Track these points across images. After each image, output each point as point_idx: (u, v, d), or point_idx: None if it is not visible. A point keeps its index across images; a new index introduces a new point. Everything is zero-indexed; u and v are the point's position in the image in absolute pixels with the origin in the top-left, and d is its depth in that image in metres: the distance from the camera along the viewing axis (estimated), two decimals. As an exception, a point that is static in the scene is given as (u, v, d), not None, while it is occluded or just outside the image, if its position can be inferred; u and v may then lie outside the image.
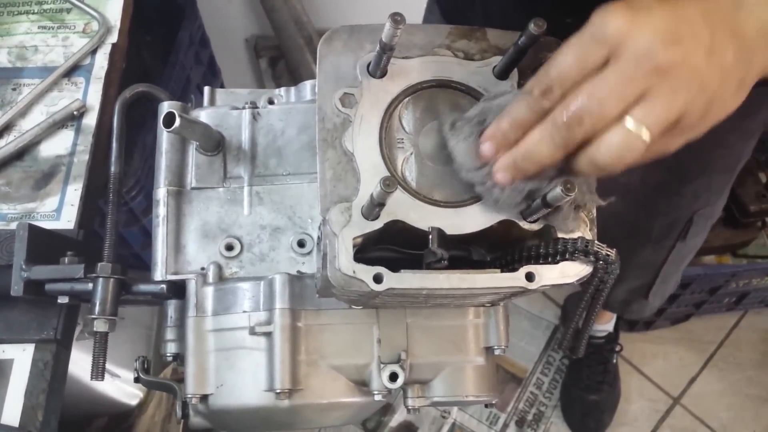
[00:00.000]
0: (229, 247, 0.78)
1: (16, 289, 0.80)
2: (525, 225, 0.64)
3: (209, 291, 0.75)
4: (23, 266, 0.81)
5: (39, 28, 1.13)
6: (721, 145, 1.16)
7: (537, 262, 0.63)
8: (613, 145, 0.56)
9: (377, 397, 0.74)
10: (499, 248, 0.68)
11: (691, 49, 0.55)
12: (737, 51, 0.58)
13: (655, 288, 1.60)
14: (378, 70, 0.65)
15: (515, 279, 0.62)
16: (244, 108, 0.82)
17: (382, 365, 0.73)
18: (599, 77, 0.56)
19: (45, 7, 1.15)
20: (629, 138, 0.55)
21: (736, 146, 1.21)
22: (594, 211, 0.67)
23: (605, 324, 2.21)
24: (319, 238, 0.66)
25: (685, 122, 0.57)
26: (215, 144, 0.80)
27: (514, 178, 0.60)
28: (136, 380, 0.80)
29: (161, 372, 1.40)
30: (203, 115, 0.82)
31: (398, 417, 2.21)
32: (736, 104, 0.60)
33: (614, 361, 2.26)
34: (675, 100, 0.56)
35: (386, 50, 0.62)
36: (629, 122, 0.55)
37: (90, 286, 0.78)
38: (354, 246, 0.60)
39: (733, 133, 1.16)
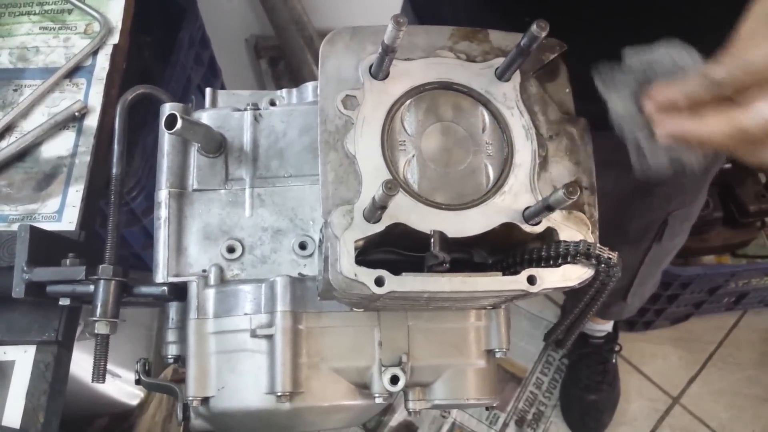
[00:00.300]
0: (231, 249, 0.78)
1: (18, 290, 0.80)
2: (527, 228, 0.64)
3: (210, 293, 0.75)
4: (25, 268, 0.80)
5: (40, 29, 1.13)
6: None
7: (539, 265, 0.63)
8: None
9: (378, 400, 0.74)
10: (500, 251, 0.68)
11: None
12: None
13: (633, 289, 1.61)
14: (380, 71, 0.65)
15: (517, 282, 0.62)
16: (245, 109, 0.82)
17: (383, 368, 0.73)
18: None
19: (46, 8, 1.15)
20: None
21: None
22: (596, 214, 0.67)
23: (604, 324, 2.21)
24: (320, 240, 0.66)
25: None
26: (217, 146, 0.80)
27: (674, 143, 0.62)
28: (137, 382, 0.80)
29: (161, 373, 1.40)
30: (205, 117, 0.82)
31: (398, 417, 2.22)
32: None
33: (613, 360, 2.26)
34: None
35: (388, 52, 0.62)
36: None
37: (91, 288, 0.78)
38: (356, 249, 0.60)
39: None
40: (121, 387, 1.54)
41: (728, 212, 2.06)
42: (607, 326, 2.23)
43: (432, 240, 0.61)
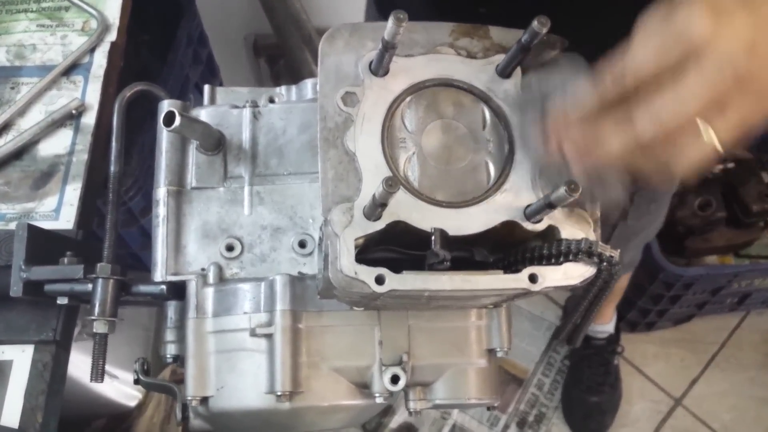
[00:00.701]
0: (230, 248, 0.77)
1: (15, 289, 0.80)
2: (528, 226, 0.63)
3: (209, 292, 0.75)
4: (22, 267, 0.80)
5: (37, 26, 1.12)
6: None
7: (540, 264, 0.62)
8: (692, 158, 0.55)
9: (379, 400, 0.73)
10: (501, 249, 0.68)
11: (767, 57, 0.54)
12: None
13: None
14: (380, 68, 0.65)
15: (518, 280, 0.61)
16: (244, 107, 0.81)
17: (383, 367, 0.72)
18: (682, 80, 0.54)
19: (43, 5, 1.14)
20: (706, 151, 0.55)
21: None
22: (597, 212, 0.66)
23: (606, 324, 2.21)
24: (320, 238, 0.66)
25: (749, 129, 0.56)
26: (216, 143, 0.79)
27: (585, 166, 0.60)
28: (136, 382, 0.79)
29: (160, 373, 1.40)
30: (203, 114, 0.81)
31: (398, 418, 2.21)
32: None
33: (615, 362, 2.26)
34: (751, 113, 0.55)
35: (388, 48, 0.62)
36: (708, 135, 0.54)
37: (89, 286, 0.77)
38: (356, 247, 0.60)
39: None
40: (119, 388, 1.54)
41: (731, 212, 2.06)
42: (609, 327, 2.22)
43: (433, 238, 0.60)
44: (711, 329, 2.40)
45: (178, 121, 0.71)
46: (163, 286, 0.76)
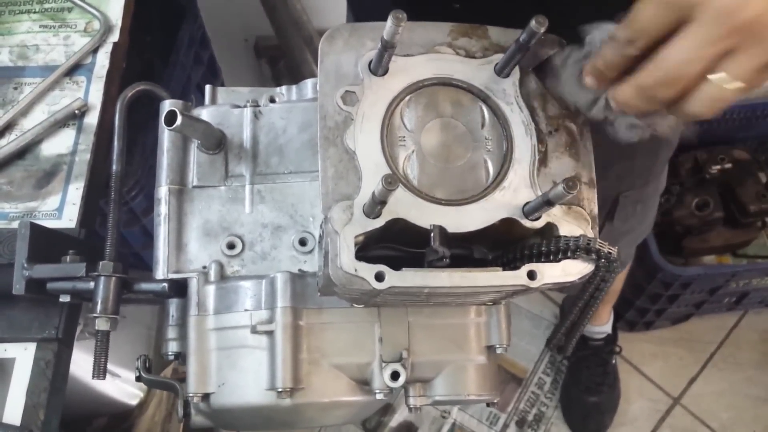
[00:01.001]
0: (231, 246, 0.78)
1: (18, 287, 0.80)
2: (527, 223, 0.64)
3: (211, 289, 0.75)
4: (25, 265, 0.80)
5: (40, 27, 1.13)
6: None
7: (539, 261, 0.63)
8: (705, 99, 0.58)
9: (379, 396, 0.74)
10: (500, 246, 0.68)
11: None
12: None
13: None
14: (379, 67, 0.65)
15: (517, 277, 0.62)
16: (245, 106, 0.82)
17: (383, 364, 0.73)
18: (680, 40, 0.57)
19: (46, 6, 1.15)
20: (720, 92, 0.57)
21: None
22: (596, 209, 0.67)
23: (603, 325, 2.21)
24: (320, 236, 0.66)
25: None
26: (217, 142, 0.80)
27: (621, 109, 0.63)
28: (138, 379, 0.80)
29: (162, 371, 1.40)
30: (205, 114, 0.82)
31: (398, 417, 2.21)
32: None
33: (613, 362, 2.26)
34: (761, 52, 0.56)
35: (388, 48, 0.62)
36: (717, 76, 0.57)
37: (91, 284, 0.78)
38: (356, 244, 0.60)
39: None
40: (121, 387, 1.54)
41: (729, 212, 2.06)
42: (606, 327, 2.23)
43: (432, 235, 0.61)
44: (709, 329, 2.40)
45: (179, 120, 0.72)
46: (165, 284, 0.77)
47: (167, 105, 0.81)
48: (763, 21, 0.55)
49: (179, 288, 0.77)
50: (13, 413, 0.86)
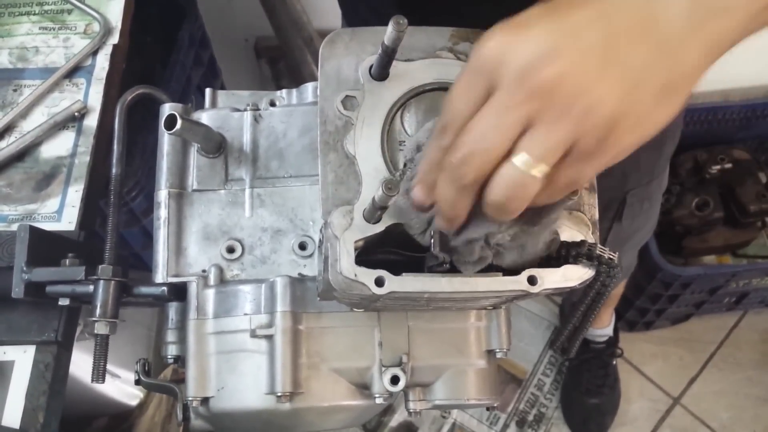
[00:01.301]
0: (231, 250, 0.78)
1: (17, 291, 0.80)
2: (527, 228, 0.64)
3: (210, 293, 0.75)
4: (24, 268, 0.80)
5: (40, 29, 1.13)
6: None
7: (539, 266, 0.63)
8: (503, 184, 0.50)
9: (378, 400, 0.74)
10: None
11: (573, 62, 0.48)
12: (652, 51, 0.49)
13: None
14: (380, 72, 0.65)
15: (517, 282, 0.62)
16: (245, 110, 0.81)
17: (383, 368, 0.73)
18: (483, 109, 0.50)
19: (46, 8, 1.15)
20: (518, 174, 0.49)
21: None
22: (596, 215, 0.67)
23: (605, 328, 2.21)
24: (320, 240, 0.66)
25: (582, 148, 0.49)
26: (216, 146, 0.80)
27: (451, 228, 0.56)
28: (137, 383, 0.80)
29: (161, 373, 1.40)
30: (204, 117, 0.82)
31: (398, 417, 2.21)
32: (667, 114, 0.52)
33: (614, 363, 2.26)
34: (559, 125, 0.48)
35: (388, 53, 0.62)
36: (516, 157, 0.49)
37: (91, 288, 0.78)
38: (355, 249, 0.60)
39: None
40: (121, 387, 1.54)
41: (729, 212, 2.06)
42: (608, 330, 2.23)
43: (432, 240, 0.61)
44: (709, 328, 2.40)
45: (179, 124, 0.71)
46: (164, 288, 0.77)
47: (167, 109, 0.81)
48: (560, 88, 0.48)
49: (179, 292, 0.77)
50: (13, 416, 0.86)
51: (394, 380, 0.73)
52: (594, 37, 0.48)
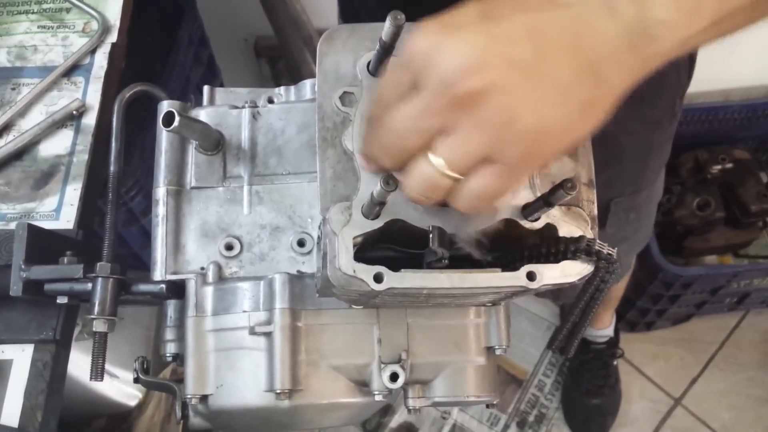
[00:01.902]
0: (229, 247, 0.77)
1: (15, 289, 0.80)
2: (526, 224, 0.63)
3: (209, 291, 0.75)
4: (22, 266, 0.80)
5: (38, 27, 1.13)
6: (625, 132, 1.15)
7: (538, 261, 0.63)
8: (416, 177, 0.53)
9: (378, 398, 0.73)
10: (499, 247, 0.68)
11: (500, 74, 0.48)
12: (580, 67, 0.50)
13: None
14: (378, 68, 0.65)
15: (516, 278, 0.61)
16: (243, 107, 0.81)
17: (382, 365, 0.73)
18: (403, 107, 0.52)
19: (44, 6, 1.14)
20: (430, 171, 0.52)
21: (641, 134, 1.20)
22: (595, 210, 0.67)
23: (605, 329, 2.21)
24: (319, 237, 0.66)
25: (500, 160, 0.50)
26: (215, 143, 0.80)
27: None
28: (136, 381, 0.80)
29: (160, 372, 1.40)
30: (203, 114, 0.82)
31: (398, 418, 2.21)
32: (588, 127, 0.53)
33: (615, 363, 2.26)
34: (476, 136, 0.49)
35: (386, 49, 0.62)
36: (432, 156, 0.51)
37: (89, 286, 0.78)
38: (354, 245, 0.60)
39: (635, 121, 1.15)
40: (120, 388, 1.54)
41: (730, 212, 2.06)
42: (609, 331, 2.22)
43: (431, 236, 0.60)
44: (710, 329, 2.40)
45: (177, 121, 0.71)
46: (163, 285, 0.76)
47: (165, 106, 0.81)
48: (482, 100, 0.48)
49: (177, 289, 0.77)
50: (11, 415, 0.86)
51: (394, 377, 0.72)
52: (524, 50, 0.49)
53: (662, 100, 1.17)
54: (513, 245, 0.66)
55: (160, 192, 0.79)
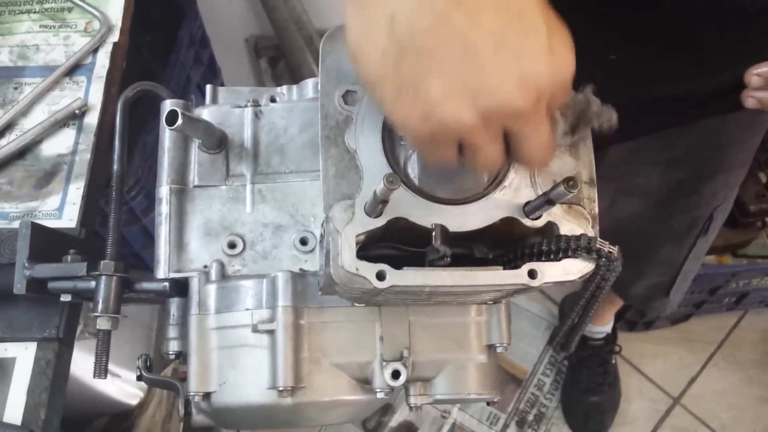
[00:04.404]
0: (232, 245, 0.78)
1: (19, 287, 0.80)
2: (527, 222, 0.64)
3: (212, 289, 0.75)
4: (26, 264, 0.81)
5: (40, 27, 1.13)
6: (737, 142, 1.17)
7: (539, 259, 0.63)
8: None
9: (379, 395, 0.74)
10: (501, 245, 0.68)
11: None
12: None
13: (677, 285, 1.59)
14: (380, 68, 0.65)
15: (518, 276, 0.62)
16: (246, 106, 0.82)
17: (384, 363, 0.73)
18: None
19: (46, 6, 1.15)
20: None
21: (751, 141, 1.22)
22: (596, 208, 0.67)
23: (604, 326, 2.22)
24: (321, 235, 0.66)
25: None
26: (218, 142, 0.80)
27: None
28: (139, 378, 0.80)
29: (162, 371, 1.40)
30: (205, 113, 0.82)
31: (398, 417, 2.21)
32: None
33: (613, 361, 2.26)
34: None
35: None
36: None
37: (92, 284, 0.78)
38: (357, 243, 0.60)
39: (747, 130, 1.17)
40: (121, 387, 1.55)
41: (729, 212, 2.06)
42: (606, 328, 2.23)
43: (433, 234, 0.61)
44: (709, 328, 2.40)
45: (180, 120, 0.72)
46: (166, 283, 0.77)
47: (168, 105, 0.81)
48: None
49: (180, 287, 0.77)
50: (14, 413, 0.86)
51: (395, 375, 0.73)
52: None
53: None
54: (514, 243, 0.67)
55: (164, 191, 0.79)
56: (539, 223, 0.64)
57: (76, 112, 1.03)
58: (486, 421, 2.25)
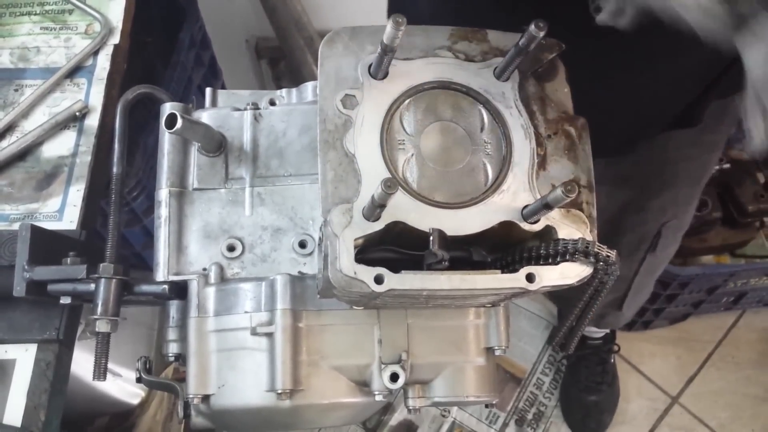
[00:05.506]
0: (231, 248, 0.78)
1: (19, 289, 0.81)
2: (525, 226, 0.64)
3: (211, 291, 0.76)
4: (26, 267, 0.81)
5: (41, 29, 1.13)
6: (684, 158, 1.16)
7: (537, 263, 0.63)
8: None
9: (378, 398, 0.74)
10: (499, 249, 0.69)
11: None
12: None
13: (628, 300, 1.63)
14: (379, 71, 0.66)
15: (516, 280, 0.62)
16: (245, 109, 0.82)
17: (383, 365, 0.74)
18: None
19: (47, 8, 1.15)
20: None
21: (701, 158, 1.21)
22: (593, 212, 0.67)
23: (604, 326, 2.22)
24: (320, 239, 0.67)
25: None
26: (217, 145, 0.80)
27: None
28: (139, 380, 0.80)
29: (162, 372, 1.41)
30: (205, 116, 0.82)
31: (398, 416, 2.22)
32: None
33: (612, 360, 2.27)
34: None
35: (387, 52, 0.63)
36: None
37: (92, 286, 0.78)
38: (355, 247, 0.61)
39: (695, 147, 1.16)
40: (122, 386, 1.55)
41: (727, 212, 2.07)
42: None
43: (431, 238, 0.61)
44: (707, 328, 2.41)
45: (179, 123, 0.72)
46: (165, 286, 0.77)
47: (168, 108, 0.81)
48: None
49: (179, 290, 0.78)
50: (14, 414, 0.86)
51: (394, 377, 0.73)
52: None
53: (723, 126, 1.16)
54: (512, 247, 0.67)
55: (163, 194, 0.79)
56: (537, 227, 0.64)
57: (77, 114, 1.03)
58: (485, 420, 2.26)
